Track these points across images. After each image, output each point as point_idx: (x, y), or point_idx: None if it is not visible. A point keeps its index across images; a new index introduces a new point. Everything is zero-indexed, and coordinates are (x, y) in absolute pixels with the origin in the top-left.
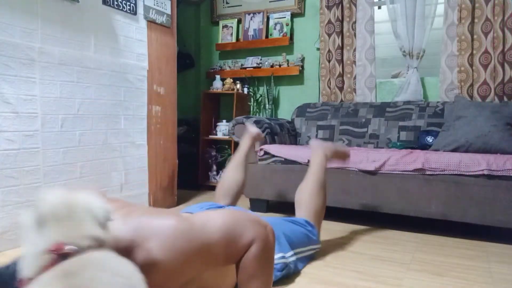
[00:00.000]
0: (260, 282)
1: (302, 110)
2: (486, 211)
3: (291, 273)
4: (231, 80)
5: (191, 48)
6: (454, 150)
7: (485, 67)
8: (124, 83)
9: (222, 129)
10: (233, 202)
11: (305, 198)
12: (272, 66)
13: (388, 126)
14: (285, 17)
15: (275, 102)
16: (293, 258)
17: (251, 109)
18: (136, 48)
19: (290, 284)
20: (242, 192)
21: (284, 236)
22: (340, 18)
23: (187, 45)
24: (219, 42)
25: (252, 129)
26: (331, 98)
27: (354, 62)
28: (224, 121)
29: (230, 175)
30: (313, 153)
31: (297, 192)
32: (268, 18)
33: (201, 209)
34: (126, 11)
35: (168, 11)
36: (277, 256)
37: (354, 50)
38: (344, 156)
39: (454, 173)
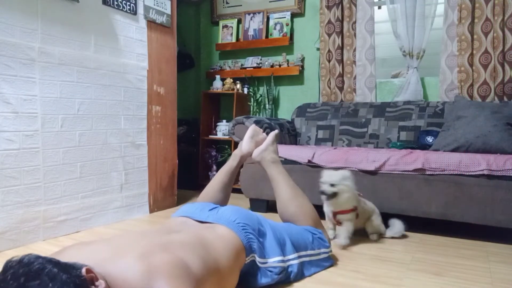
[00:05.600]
0: None
1: (302, 110)
2: (486, 211)
3: (298, 278)
4: (231, 80)
5: (191, 48)
6: (454, 150)
7: (485, 67)
8: (124, 83)
9: (222, 129)
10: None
11: (294, 211)
12: (272, 66)
13: (388, 126)
14: (285, 17)
15: (275, 102)
16: (296, 261)
17: (251, 109)
18: (136, 48)
19: (289, 283)
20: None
21: (290, 238)
22: (340, 18)
23: (187, 45)
24: (219, 42)
25: (245, 147)
26: (331, 98)
27: (354, 62)
28: (224, 121)
29: (211, 196)
30: (264, 166)
31: (280, 212)
32: (268, 18)
33: (196, 209)
34: (126, 11)
35: (168, 11)
36: (275, 259)
37: (354, 50)
38: (277, 138)
39: (454, 173)
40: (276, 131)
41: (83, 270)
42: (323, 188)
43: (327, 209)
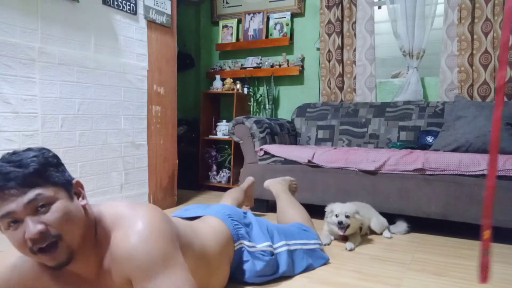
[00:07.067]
0: None
1: (302, 110)
2: None
3: (290, 268)
4: (231, 80)
5: (191, 48)
6: (454, 150)
7: (485, 67)
8: (124, 83)
9: (222, 129)
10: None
11: (288, 213)
12: (272, 66)
13: (388, 126)
14: (285, 17)
15: (275, 102)
16: (285, 248)
17: (251, 109)
18: (136, 48)
19: (290, 283)
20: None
21: (276, 229)
22: (340, 18)
23: (187, 45)
24: (219, 42)
25: (250, 178)
26: (331, 98)
27: (354, 62)
28: (224, 121)
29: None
30: (272, 189)
31: (278, 219)
32: (268, 18)
33: (185, 210)
34: (126, 11)
35: (168, 11)
36: (264, 244)
37: (354, 50)
38: (293, 188)
39: (454, 173)
40: (296, 183)
41: (74, 180)
42: (341, 219)
43: (331, 230)
